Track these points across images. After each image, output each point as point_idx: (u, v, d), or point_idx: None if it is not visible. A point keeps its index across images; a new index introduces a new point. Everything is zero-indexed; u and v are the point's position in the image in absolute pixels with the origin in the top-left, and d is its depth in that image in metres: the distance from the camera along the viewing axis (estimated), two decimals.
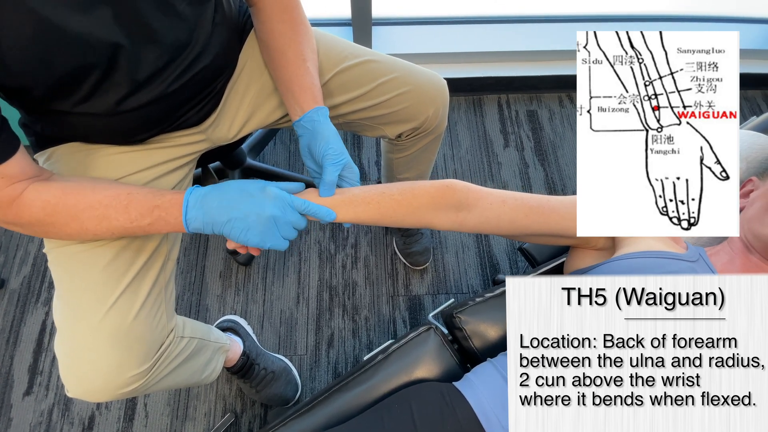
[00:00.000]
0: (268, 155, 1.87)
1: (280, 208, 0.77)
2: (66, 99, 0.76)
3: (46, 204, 0.73)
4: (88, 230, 0.77)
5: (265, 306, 1.59)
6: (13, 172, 0.71)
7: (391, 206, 0.81)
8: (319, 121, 0.89)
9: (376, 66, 1.04)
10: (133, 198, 0.76)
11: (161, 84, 0.81)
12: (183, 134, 0.96)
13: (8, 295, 1.58)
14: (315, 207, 0.79)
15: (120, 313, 0.84)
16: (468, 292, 1.63)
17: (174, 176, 0.97)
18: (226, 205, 0.75)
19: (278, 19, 0.92)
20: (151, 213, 0.76)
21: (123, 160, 0.90)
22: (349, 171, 0.87)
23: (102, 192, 0.76)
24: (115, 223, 0.76)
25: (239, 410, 1.44)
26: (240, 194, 0.76)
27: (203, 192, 0.77)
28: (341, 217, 0.81)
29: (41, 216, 0.74)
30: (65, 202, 0.74)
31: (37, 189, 0.73)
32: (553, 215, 0.84)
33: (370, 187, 0.83)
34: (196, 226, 0.76)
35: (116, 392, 0.85)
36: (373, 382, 0.97)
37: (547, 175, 1.86)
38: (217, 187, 0.78)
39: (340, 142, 0.87)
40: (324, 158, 0.85)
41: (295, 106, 0.91)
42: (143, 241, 0.89)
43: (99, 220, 0.76)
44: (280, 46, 0.92)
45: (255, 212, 0.75)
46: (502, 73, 1.97)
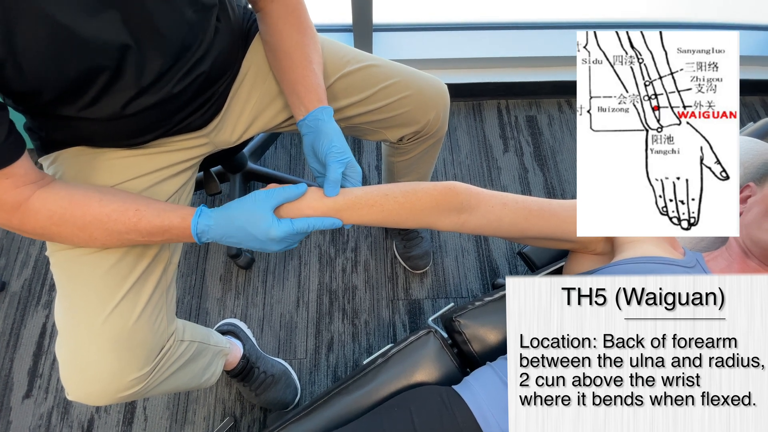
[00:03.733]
0: (269, 159, 1.87)
1: (287, 243, 0.79)
2: (73, 103, 0.77)
3: (53, 214, 0.74)
4: (97, 239, 0.78)
5: (265, 309, 1.59)
6: (19, 174, 0.71)
7: (393, 208, 0.81)
8: (323, 120, 0.89)
9: (377, 70, 1.05)
10: (141, 216, 0.77)
11: (165, 87, 0.82)
12: (186, 138, 0.96)
13: (9, 297, 1.57)
14: (320, 222, 0.79)
15: (122, 317, 0.84)
16: (468, 297, 1.63)
17: (177, 180, 0.98)
18: (235, 242, 0.79)
19: (284, 22, 0.93)
20: (162, 234, 0.78)
21: (127, 164, 0.90)
22: (352, 170, 0.87)
23: (109, 205, 0.76)
24: (126, 237, 0.78)
25: (238, 414, 1.44)
26: (246, 236, 0.77)
27: (209, 225, 0.78)
28: (346, 220, 0.81)
29: (47, 224, 0.75)
30: (72, 213, 0.75)
31: (43, 197, 0.74)
32: (553, 219, 0.85)
33: (372, 188, 0.83)
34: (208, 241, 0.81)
35: (116, 395, 0.85)
36: (373, 385, 0.96)
37: (546, 180, 1.87)
38: (223, 220, 0.78)
39: (343, 140, 0.88)
40: (327, 156, 0.85)
41: (300, 106, 0.91)
42: (145, 246, 0.89)
43: (108, 233, 0.77)
44: (286, 48, 0.93)
45: (264, 249, 0.79)
46: (501, 78, 1.98)
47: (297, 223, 0.78)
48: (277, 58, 0.95)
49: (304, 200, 0.80)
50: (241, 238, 0.77)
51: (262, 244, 0.77)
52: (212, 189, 1.51)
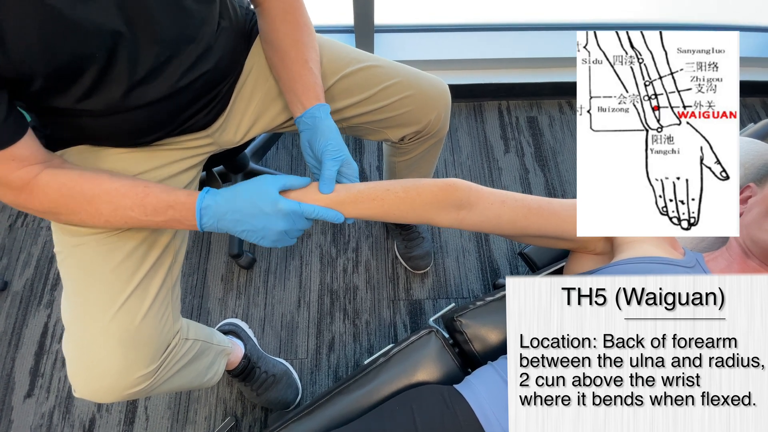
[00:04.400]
0: (270, 159, 1.87)
1: (292, 222, 0.79)
2: (66, 93, 0.76)
3: (62, 186, 0.74)
4: (102, 215, 0.77)
5: (266, 309, 1.59)
6: (24, 155, 0.71)
7: (394, 203, 0.82)
8: (319, 118, 0.90)
9: (379, 71, 1.05)
10: (150, 191, 0.77)
11: (165, 81, 0.82)
12: (190, 137, 0.97)
13: (11, 297, 1.58)
14: (324, 212, 0.80)
15: (129, 314, 0.84)
16: (469, 297, 1.63)
17: (181, 178, 0.98)
18: (239, 219, 0.77)
19: (282, 20, 0.94)
20: (165, 212, 0.77)
21: (131, 160, 0.91)
22: (348, 167, 0.87)
23: (119, 181, 0.77)
24: (130, 213, 0.77)
25: (240, 414, 1.44)
26: (253, 208, 0.77)
27: (216, 200, 0.77)
28: (347, 213, 0.82)
29: (56, 197, 0.75)
30: (81, 186, 0.75)
31: (53, 173, 0.74)
32: (552, 217, 0.85)
33: (374, 183, 0.84)
34: (210, 228, 0.79)
35: (123, 393, 0.86)
36: (374, 385, 0.97)
37: (547, 180, 1.87)
38: (230, 195, 0.78)
39: (339, 138, 0.88)
40: (323, 154, 0.86)
41: (297, 104, 0.92)
42: (151, 244, 0.90)
43: (114, 207, 0.76)
44: (283, 46, 0.93)
45: (268, 227, 0.78)
46: (502, 79, 1.98)
47: (304, 206, 0.79)
48: (275, 56, 0.95)
49: (308, 191, 0.82)
50: (246, 213, 0.77)
51: (266, 219, 0.77)
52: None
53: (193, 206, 0.77)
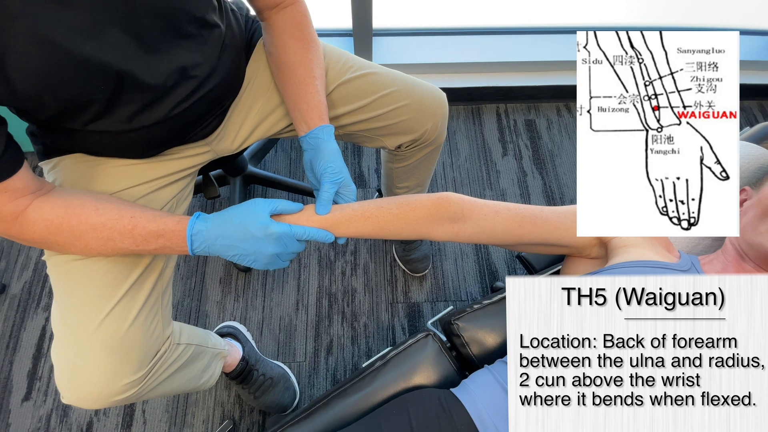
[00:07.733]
0: (269, 162, 1.87)
1: (283, 245, 0.79)
2: (75, 119, 0.77)
3: (50, 224, 0.74)
4: (93, 249, 0.78)
5: (264, 312, 1.58)
6: (18, 186, 0.71)
7: (389, 220, 0.83)
8: (322, 139, 0.90)
9: (377, 79, 1.06)
10: (137, 223, 0.77)
11: (171, 105, 0.83)
12: (188, 147, 0.97)
13: (9, 300, 1.57)
14: (314, 232, 0.81)
15: (116, 322, 0.83)
16: (467, 300, 1.63)
17: (176, 186, 0.98)
18: (230, 244, 0.77)
19: (290, 36, 0.94)
20: (156, 240, 0.78)
21: (128, 172, 0.91)
22: (346, 189, 0.89)
23: (105, 214, 0.76)
24: (120, 245, 0.77)
25: (237, 417, 1.43)
26: (243, 233, 0.77)
27: (206, 226, 0.78)
28: (343, 233, 0.83)
29: (45, 234, 0.75)
30: (68, 223, 0.75)
31: (40, 207, 0.74)
32: (546, 225, 0.87)
33: (367, 201, 0.85)
34: (202, 253, 0.79)
35: (110, 399, 0.85)
36: (372, 388, 0.96)
37: (545, 183, 1.87)
38: (221, 220, 0.78)
39: (340, 160, 0.89)
40: (323, 176, 0.87)
41: (302, 123, 0.93)
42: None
43: (104, 242, 0.77)
44: (290, 63, 0.94)
45: (259, 251, 0.78)
46: (500, 83, 1.99)
47: (295, 227, 0.79)
48: (281, 72, 0.95)
49: (301, 214, 0.83)
50: (236, 239, 0.77)
51: (258, 244, 0.77)
52: (211, 193, 1.50)
53: (183, 233, 0.77)
